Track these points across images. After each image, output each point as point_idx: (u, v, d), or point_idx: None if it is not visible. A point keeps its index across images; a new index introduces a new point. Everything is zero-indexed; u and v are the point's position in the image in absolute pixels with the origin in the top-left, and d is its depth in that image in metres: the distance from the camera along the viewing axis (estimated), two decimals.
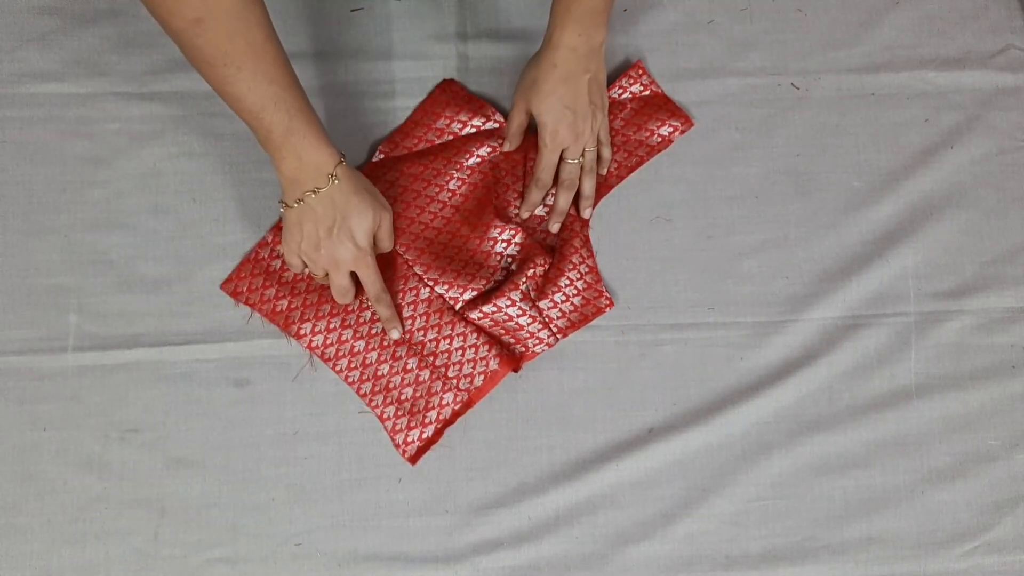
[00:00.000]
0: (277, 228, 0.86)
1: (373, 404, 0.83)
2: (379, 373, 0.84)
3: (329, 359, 0.84)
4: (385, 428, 0.83)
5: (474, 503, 0.83)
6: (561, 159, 0.85)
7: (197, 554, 0.82)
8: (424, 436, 0.83)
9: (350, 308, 0.84)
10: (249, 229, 0.87)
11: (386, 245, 0.82)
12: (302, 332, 0.84)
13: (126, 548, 0.82)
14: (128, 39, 0.89)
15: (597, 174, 0.88)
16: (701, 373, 0.86)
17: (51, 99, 0.88)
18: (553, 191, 0.87)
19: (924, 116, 0.91)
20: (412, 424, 0.83)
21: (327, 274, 0.80)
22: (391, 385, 0.84)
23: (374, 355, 0.84)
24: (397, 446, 0.83)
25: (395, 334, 0.83)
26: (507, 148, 0.87)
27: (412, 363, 0.84)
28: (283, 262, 0.85)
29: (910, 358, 0.86)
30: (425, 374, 0.84)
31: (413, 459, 0.83)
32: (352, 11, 0.91)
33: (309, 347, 0.84)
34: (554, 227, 0.87)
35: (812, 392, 0.85)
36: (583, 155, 0.85)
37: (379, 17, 0.91)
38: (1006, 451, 0.85)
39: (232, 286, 0.85)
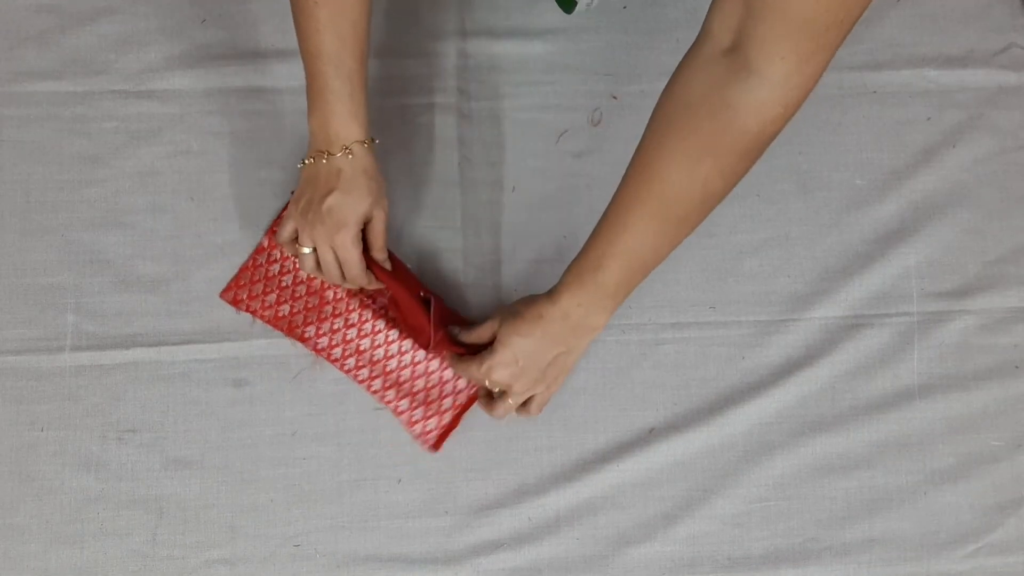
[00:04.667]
0: (271, 232, 0.86)
1: (386, 399, 0.83)
2: (387, 369, 0.84)
3: (336, 360, 0.84)
4: (401, 422, 0.83)
5: (474, 504, 0.83)
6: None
7: (195, 555, 0.81)
8: (443, 423, 0.83)
9: (351, 308, 0.84)
10: (247, 228, 0.86)
11: (377, 246, 0.79)
12: (307, 335, 0.84)
13: (124, 549, 0.81)
14: (126, 37, 0.89)
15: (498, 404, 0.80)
16: (702, 373, 0.85)
17: (48, 97, 0.88)
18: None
19: (926, 115, 0.91)
20: (428, 413, 0.83)
21: (316, 263, 0.78)
22: (401, 379, 0.83)
23: (380, 352, 0.84)
24: (416, 437, 0.83)
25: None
26: (464, 338, 0.80)
27: (419, 356, 0.84)
28: (281, 267, 0.85)
29: (913, 358, 0.86)
30: (434, 364, 0.83)
31: (435, 447, 0.83)
32: None
33: (315, 350, 0.84)
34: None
35: (814, 392, 0.85)
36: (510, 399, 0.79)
37: (378, 15, 0.91)
38: (1009, 452, 0.85)
39: (231, 294, 0.84)
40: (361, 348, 0.84)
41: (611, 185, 0.89)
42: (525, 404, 0.80)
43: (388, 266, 0.80)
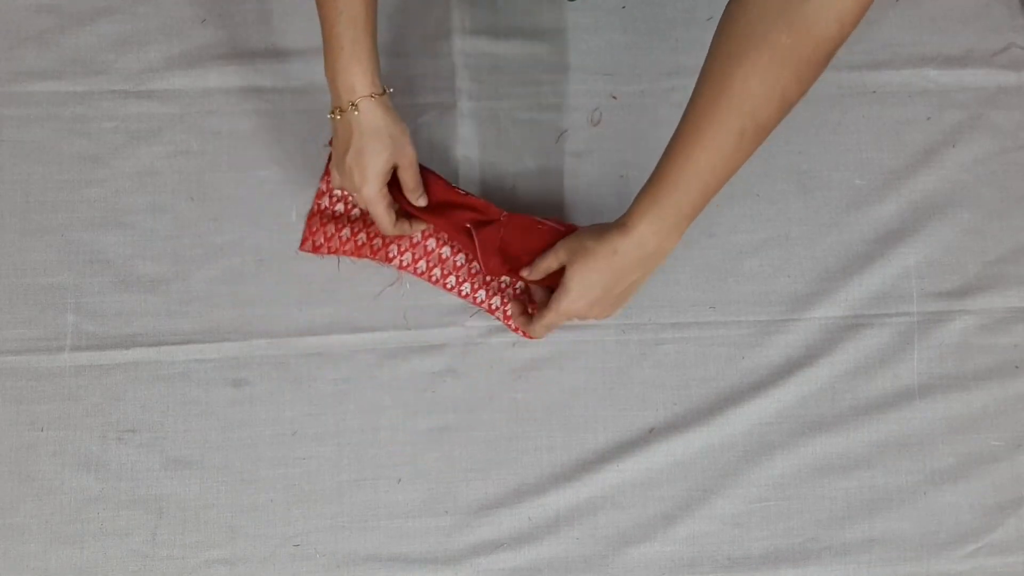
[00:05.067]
0: (327, 175, 0.87)
1: (478, 301, 0.85)
2: (472, 272, 0.86)
3: (422, 273, 0.86)
4: (497, 318, 0.85)
5: (474, 503, 0.83)
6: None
7: (195, 555, 0.81)
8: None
9: (425, 213, 0.83)
10: (247, 228, 0.86)
11: (408, 188, 0.80)
12: (390, 255, 0.86)
13: (124, 549, 0.81)
14: (125, 37, 0.89)
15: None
16: (702, 372, 0.85)
17: (48, 97, 0.88)
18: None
19: (926, 114, 0.91)
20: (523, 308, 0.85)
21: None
22: (488, 280, 0.85)
23: (461, 257, 0.86)
24: (515, 330, 0.85)
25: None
26: (528, 276, 0.81)
27: (424, 200, 0.83)
28: (345, 203, 0.87)
29: (913, 358, 0.86)
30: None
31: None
32: None
33: (401, 267, 0.86)
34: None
35: (814, 392, 0.85)
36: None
37: (378, 15, 0.91)
38: (1009, 452, 0.85)
39: (309, 244, 0.86)
40: (443, 256, 0.86)
41: (611, 185, 0.89)
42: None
43: (423, 202, 0.81)
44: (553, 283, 0.79)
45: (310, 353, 0.85)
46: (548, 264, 0.79)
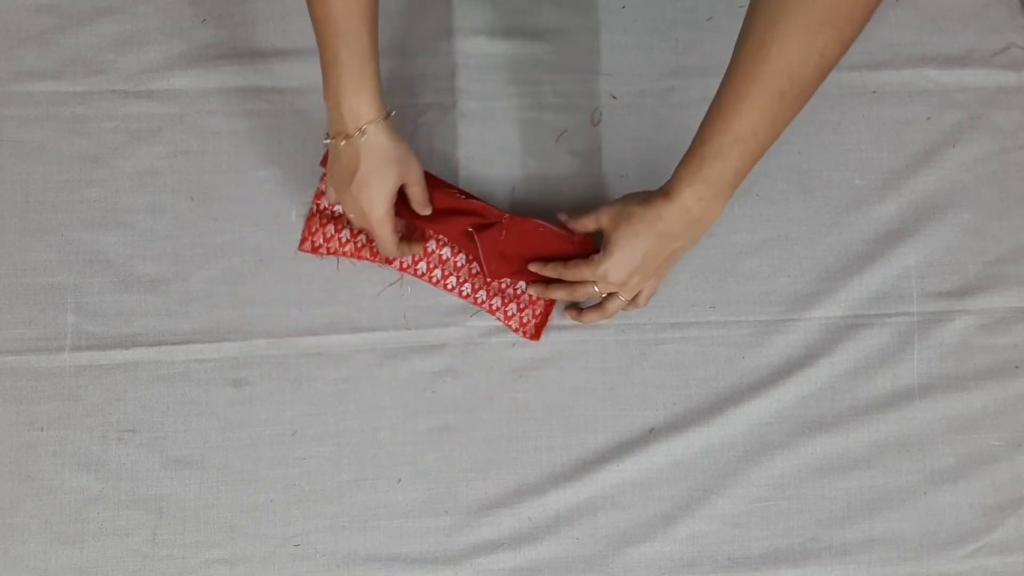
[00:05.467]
0: (325, 177, 0.86)
1: (479, 301, 0.85)
2: (473, 272, 0.86)
3: (423, 274, 0.86)
4: (498, 319, 0.85)
5: (474, 503, 0.83)
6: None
7: (195, 555, 0.81)
8: (537, 312, 0.85)
9: (427, 220, 0.84)
10: (247, 228, 0.86)
11: (419, 202, 0.80)
12: (391, 257, 0.86)
13: (124, 549, 0.81)
14: (125, 37, 0.89)
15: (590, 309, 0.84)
16: (702, 372, 0.85)
17: (48, 97, 0.88)
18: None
19: (926, 114, 0.91)
20: (522, 306, 0.85)
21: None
22: (488, 280, 0.85)
23: (462, 258, 0.86)
24: (515, 331, 0.85)
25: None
26: (571, 226, 0.81)
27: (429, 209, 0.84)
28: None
29: (913, 358, 0.86)
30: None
31: (535, 336, 0.85)
32: None
33: (402, 269, 0.86)
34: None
35: (814, 392, 0.85)
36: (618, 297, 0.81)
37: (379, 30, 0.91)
38: (1009, 452, 0.85)
39: (308, 244, 0.86)
40: (444, 257, 0.86)
41: (611, 185, 0.89)
42: (634, 299, 0.81)
43: (428, 210, 0.81)
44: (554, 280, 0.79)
45: (310, 353, 0.85)
46: (587, 223, 0.79)
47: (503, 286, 0.86)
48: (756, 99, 0.68)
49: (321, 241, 0.86)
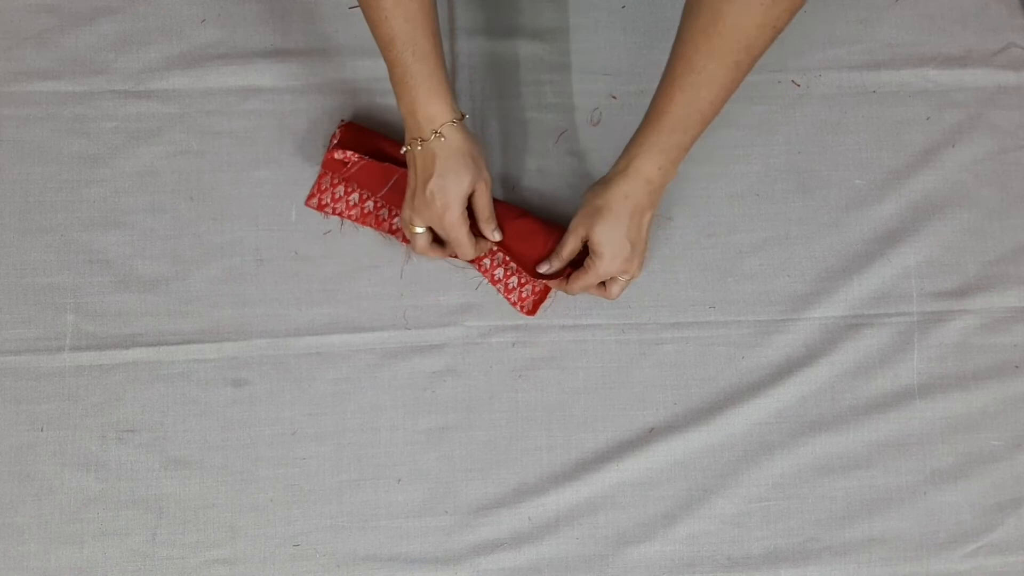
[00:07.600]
0: (334, 140, 0.86)
1: (482, 269, 0.86)
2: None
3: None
4: (498, 291, 0.85)
5: (474, 503, 0.83)
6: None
7: (195, 555, 0.81)
8: (537, 289, 0.85)
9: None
10: (246, 228, 0.86)
11: (483, 217, 0.81)
12: (395, 227, 0.86)
13: (124, 548, 0.81)
14: (125, 37, 0.89)
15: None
16: (702, 372, 0.85)
17: (48, 97, 0.88)
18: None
19: (926, 114, 0.91)
20: (523, 280, 0.85)
21: (429, 242, 0.81)
22: (492, 249, 0.85)
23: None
24: (513, 304, 0.85)
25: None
26: (546, 271, 0.82)
27: (499, 234, 0.84)
28: (356, 168, 0.85)
29: (913, 358, 0.86)
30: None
31: (532, 312, 0.85)
32: (350, 8, 0.91)
33: (405, 240, 0.85)
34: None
35: (814, 392, 0.85)
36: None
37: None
38: (1009, 452, 0.85)
39: (316, 200, 0.86)
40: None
41: None
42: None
43: (497, 236, 0.82)
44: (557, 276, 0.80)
45: (310, 353, 0.85)
46: (571, 248, 0.80)
47: (507, 258, 0.85)
48: (713, 71, 0.69)
49: (329, 200, 0.86)
